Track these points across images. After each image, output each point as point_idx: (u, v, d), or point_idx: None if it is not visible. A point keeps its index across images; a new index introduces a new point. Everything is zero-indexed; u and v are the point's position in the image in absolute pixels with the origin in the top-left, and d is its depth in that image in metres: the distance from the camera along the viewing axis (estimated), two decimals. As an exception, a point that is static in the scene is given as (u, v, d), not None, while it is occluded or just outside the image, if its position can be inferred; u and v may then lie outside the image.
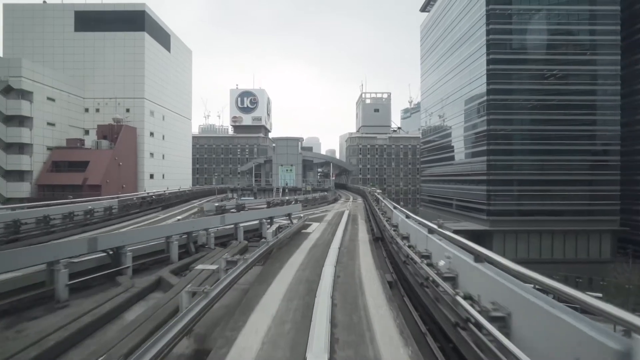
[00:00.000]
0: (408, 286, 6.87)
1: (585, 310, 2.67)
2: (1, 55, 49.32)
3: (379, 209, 14.16)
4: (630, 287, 26.36)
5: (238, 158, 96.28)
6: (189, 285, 5.41)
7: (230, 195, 39.01)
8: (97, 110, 48.96)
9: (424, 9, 64.93)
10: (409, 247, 6.95)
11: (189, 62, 66.65)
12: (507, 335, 3.24)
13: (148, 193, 25.62)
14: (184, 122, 63.80)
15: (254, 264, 7.71)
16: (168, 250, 8.54)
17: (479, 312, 3.58)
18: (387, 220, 10.59)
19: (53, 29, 48.78)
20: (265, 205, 18.96)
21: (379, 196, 17.89)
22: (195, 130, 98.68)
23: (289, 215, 13.50)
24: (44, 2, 49.90)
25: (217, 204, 15.58)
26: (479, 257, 4.34)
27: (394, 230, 8.98)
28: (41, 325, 5.36)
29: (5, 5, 48.84)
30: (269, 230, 9.96)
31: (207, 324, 5.24)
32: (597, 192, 41.33)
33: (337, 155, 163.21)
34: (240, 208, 15.61)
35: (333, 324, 4.69)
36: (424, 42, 65.28)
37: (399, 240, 7.59)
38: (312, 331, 4.28)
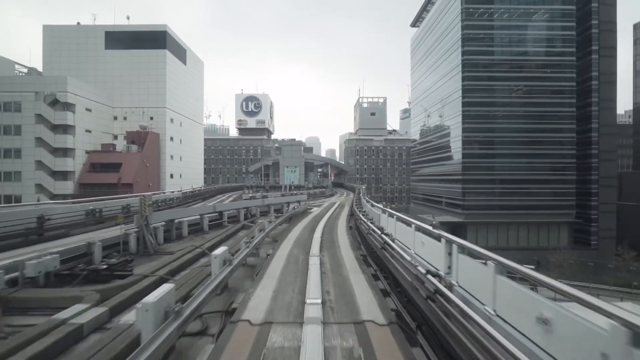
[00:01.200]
0: (357, 226, 14.92)
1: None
2: (40, 70, 57.60)
3: (357, 199, 22.15)
4: (553, 260, 34.60)
5: (243, 159, 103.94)
6: (266, 221, 13.47)
7: (247, 191, 46.97)
8: (125, 118, 56.89)
9: (413, 24, 72.94)
10: (358, 210, 15.01)
11: (201, 72, 74.66)
12: (382, 229, 11.21)
13: (194, 188, 33.74)
14: (196, 126, 71.81)
15: (285, 221, 15.75)
16: (238, 215, 16.62)
17: (378, 228, 11.59)
18: (356, 204, 18.65)
19: (86, 47, 56.66)
20: (281, 196, 27.00)
21: (360, 191, 26.00)
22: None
23: (299, 201, 21.52)
24: (78, 23, 57.89)
25: (250, 195, 23.71)
26: (384, 211, 12.41)
27: (356, 206, 17.09)
28: (204, 237, 13.43)
29: (44, 26, 56.84)
30: (290, 207, 18.03)
31: (274, 234, 13.31)
32: (556, 189, 49.36)
33: (337, 154, 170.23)
34: (264, 197, 23.65)
35: (323, 233, 12.77)
36: (413, 55, 73.39)
37: (356, 210, 15.66)
38: (314, 233, 12.39)
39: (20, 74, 56.46)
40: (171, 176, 58.64)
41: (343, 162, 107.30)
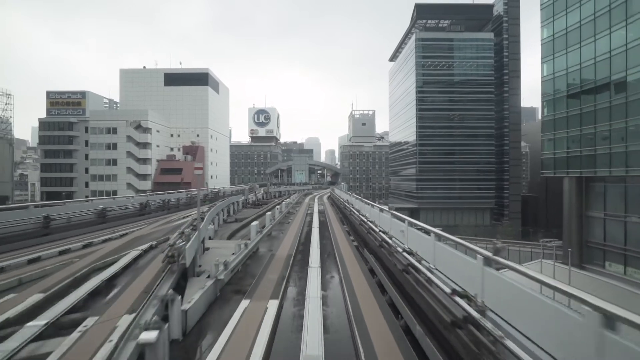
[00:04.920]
0: (334, 202, 39.61)
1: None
2: (117, 101, 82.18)
3: (332, 189, 46.81)
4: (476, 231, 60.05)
5: (255, 162, 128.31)
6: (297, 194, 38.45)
7: (273, 186, 71.74)
8: (179, 135, 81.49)
9: (392, 59, 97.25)
10: (332, 192, 39.67)
11: (227, 96, 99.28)
12: (358, 211, 35.77)
13: (250, 184, 58.52)
14: (225, 139, 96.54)
15: (303, 195, 40.61)
16: (286, 193, 41.37)
17: (351, 206, 36.17)
18: (332, 191, 43.25)
19: (150, 84, 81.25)
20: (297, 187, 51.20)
21: (337, 186, 50.84)
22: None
23: (308, 189, 46.13)
24: (144, 67, 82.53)
25: (283, 186, 48.22)
26: (351, 195, 37.01)
27: (332, 192, 41.78)
28: (280, 198, 38.23)
29: (121, 70, 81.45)
30: (304, 191, 42.97)
31: (301, 200, 38.19)
32: (482, 185, 73.94)
33: (337, 154, 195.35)
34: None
35: (318, 198, 37.75)
36: (390, 83, 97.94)
37: (332, 192, 40.21)
38: (314, 202, 37.51)
39: (105, 104, 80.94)
40: (211, 177, 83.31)
41: (341, 163, 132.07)
